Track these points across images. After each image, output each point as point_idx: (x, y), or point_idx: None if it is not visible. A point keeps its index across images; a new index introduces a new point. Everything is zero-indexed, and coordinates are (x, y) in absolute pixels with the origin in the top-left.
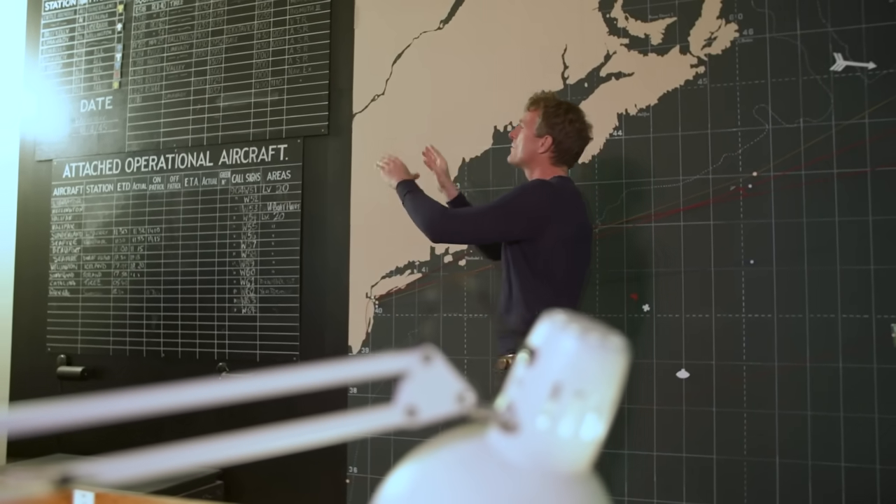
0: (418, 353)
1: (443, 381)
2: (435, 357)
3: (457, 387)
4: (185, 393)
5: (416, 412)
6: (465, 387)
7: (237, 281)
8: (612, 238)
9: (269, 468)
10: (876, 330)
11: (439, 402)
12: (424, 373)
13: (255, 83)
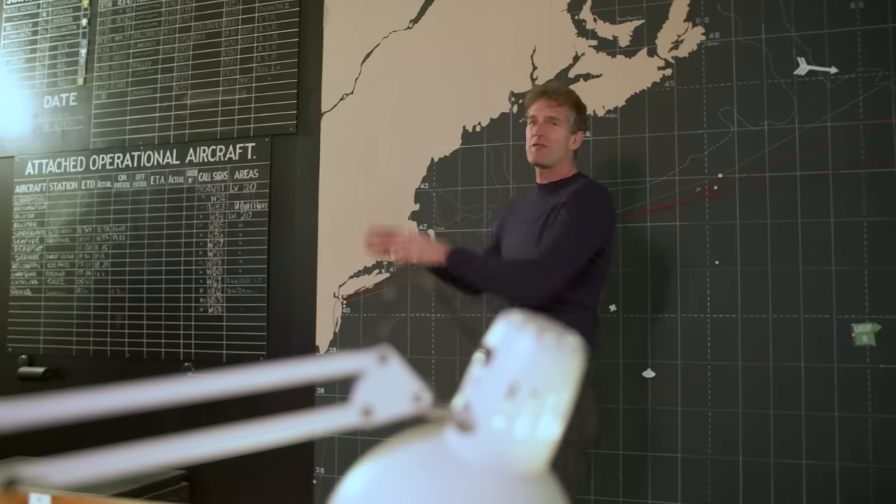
0: (374, 354)
1: (399, 380)
2: (391, 357)
3: (413, 387)
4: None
5: (371, 412)
6: (422, 387)
7: (203, 280)
8: None
9: (235, 469)
10: (836, 330)
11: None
12: (380, 373)
13: (223, 81)
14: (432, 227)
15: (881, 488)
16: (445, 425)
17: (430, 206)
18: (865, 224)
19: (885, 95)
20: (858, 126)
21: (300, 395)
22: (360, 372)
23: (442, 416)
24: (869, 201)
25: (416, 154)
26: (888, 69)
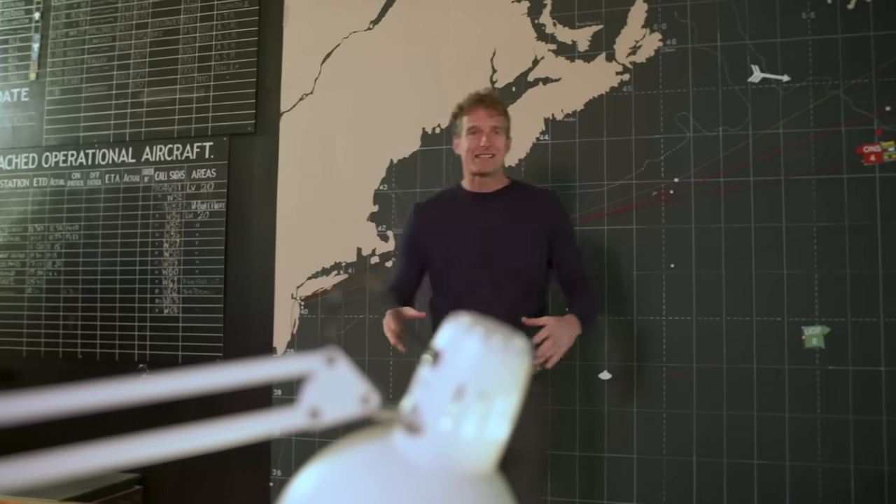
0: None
1: (347, 382)
2: (339, 359)
3: (361, 388)
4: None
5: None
6: (370, 388)
7: (159, 280)
8: None
9: (190, 472)
10: (787, 332)
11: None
12: (328, 374)
13: (181, 79)
14: (391, 229)
15: (829, 487)
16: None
17: (388, 208)
18: (815, 229)
19: (834, 104)
20: (809, 133)
21: (257, 397)
22: (308, 374)
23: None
24: (818, 207)
25: (376, 155)
26: (837, 78)
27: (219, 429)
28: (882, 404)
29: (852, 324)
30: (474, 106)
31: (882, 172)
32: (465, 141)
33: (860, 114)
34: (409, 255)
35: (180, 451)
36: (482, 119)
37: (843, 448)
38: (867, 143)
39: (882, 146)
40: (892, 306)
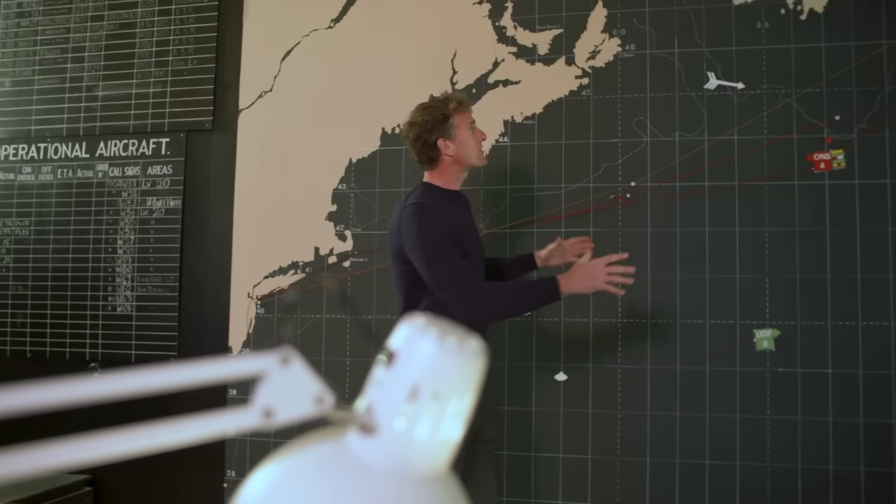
0: (276, 355)
1: (301, 382)
2: (293, 359)
3: (315, 389)
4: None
5: (272, 413)
6: (324, 388)
7: (112, 278)
8: (495, 242)
9: (143, 473)
10: (739, 335)
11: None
12: (282, 374)
13: (137, 73)
14: (349, 228)
15: (777, 486)
16: (348, 427)
17: (347, 207)
18: (767, 234)
19: (786, 112)
20: (762, 140)
21: (212, 397)
22: (262, 374)
23: (344, 418)
24: (770, 212)
25: (335, 154)
26: (790, 87)
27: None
28: (829, 406)
29: (801, 327)
30: (463, 106)
31: (831, 180)
32: (470, 137)
33: (811, 122)
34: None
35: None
36: (471, 116)
37: (791, 448)
38: (817, 151)
39: (831, 154)
40: (840, 310)
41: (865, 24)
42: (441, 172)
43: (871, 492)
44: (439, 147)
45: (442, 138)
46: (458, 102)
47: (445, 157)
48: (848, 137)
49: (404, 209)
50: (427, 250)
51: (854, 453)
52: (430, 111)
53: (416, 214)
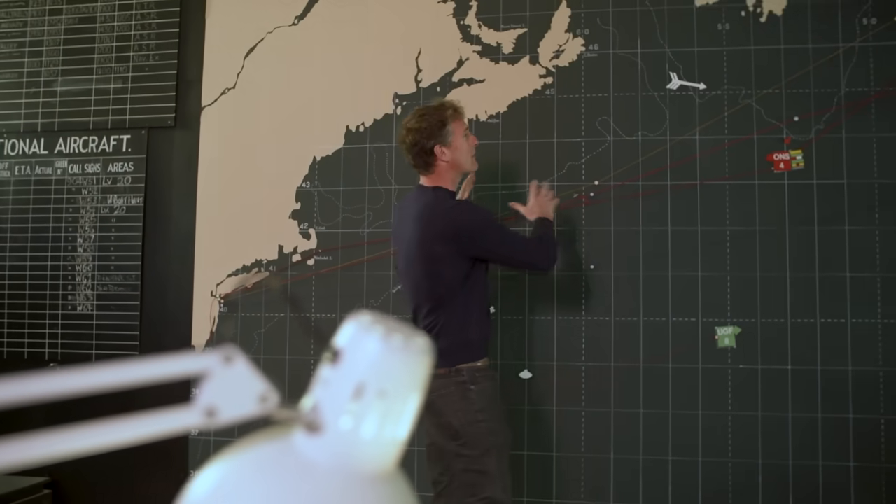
0: (218, 354)
1: (244, 381)
2: (236, 357)
3: (259, 387)
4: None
5: (215, 413)
6: (268, 387)
7: (73, 277)
8: None
9: (102, 475)
10: (701, 332)
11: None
12: (225, 373)
13: (97, 69)
14: (313, 227)
15: (738, 480)
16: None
17: (311, 205)
18: (728, 233)
19: (747, 112)
20: (724, 140)
21: (177, 396)
22: (205, 372)
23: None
24: (732, 211)
25: (298, 152)
26: (750, 88)
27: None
28: (788, 401)
29: (762, 324)
30: (458, 113)
31: (790, 180)
32: (464, 143)
33: (771, 123)
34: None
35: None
36: (465, 123)
37: (751, 443)
38: (777, 151)
39: (791, 154)
40: (799, 308)
41: (823, 27)
42: (438, 176)
43: (828, 485)
44: (436, 153)
45: (439, 145)
46: (454, 109)
47: (441, 162)
48: (806, 138)
49: (447, 212)
50: (496, 231)
51: (813, 448)
52: (428, 118)
53: (466, 210)
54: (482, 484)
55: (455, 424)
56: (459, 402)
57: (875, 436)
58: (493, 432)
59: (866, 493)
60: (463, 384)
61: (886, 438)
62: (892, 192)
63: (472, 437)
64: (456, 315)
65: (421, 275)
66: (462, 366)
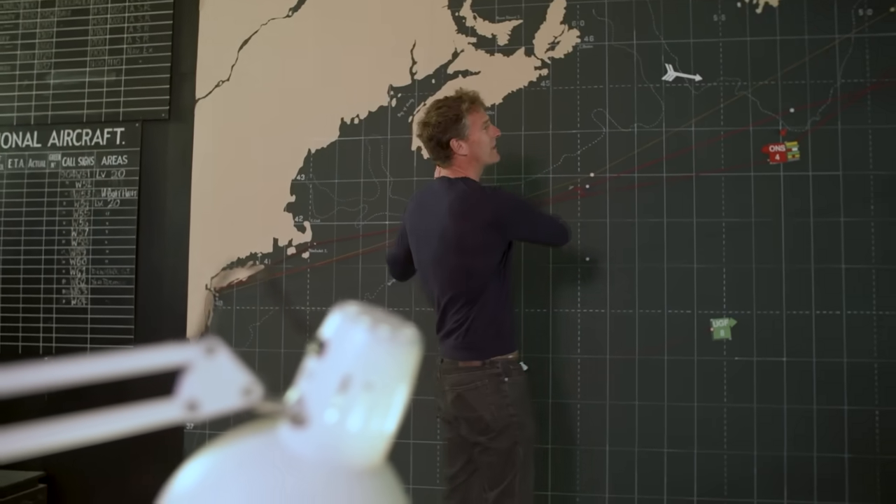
0: (201, 345)
1: (227, 374)
2: (219, 349)
3: (243, 380)
4: None
5: (197, 406)
6: (252, 380)
7: (67, 270)
8: None
9: (98, 468)
10: (697, 324)
11: (223, 396)
12: (207, 365)
13: (91, 61)
14: (308, 220)
15: (733, 472)
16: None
17: (306, 198)
18: (724, 224)
19: (743, 104)
20: (719, 132)
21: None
22: (186, 364)
23: (274, 410)
24: (727, 203)
25: (293, 144)
26: (746, 79)
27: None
28: (783, 393)
29: (757, 316)
30: (477, 103)
31: (786, 171)
32: (485, 135)
33: (766, 114)
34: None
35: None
36: (485, 114)
37: (747, 435)
38: (773, 143)
39: (786, 146)
40: (794, 300)
41: (818, 18)
42: (459, 169)
43: (823, 477)
44: (452, 147)
45: (455, 138)
46: (470, 102)
47: (459, 156)
48: (802, 130)
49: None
50: (531, 212)
51: (808, 439)
52: (443, 111)
53: (504, 196)
54: (507, 478)
55: (487, 418)
56: (493, 395)
57: (870, 427)
58: (522, 426)
59: (861, 483)
60: (497, 376)
61: (881, 429)
62: (887, 184)
63: (503, 431)
64: (488, 307)
65: (455, 267)
66: (496, 358)
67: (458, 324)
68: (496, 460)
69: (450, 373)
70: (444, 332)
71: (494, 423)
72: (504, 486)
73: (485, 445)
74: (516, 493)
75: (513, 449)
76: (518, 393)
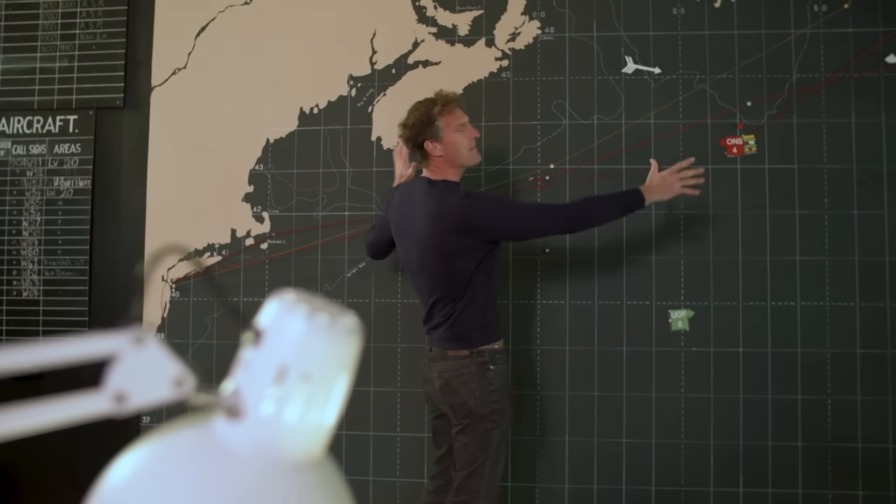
0: (129, 335)
1: (157, 364)
2: (148, 339)
3: (174, 371)
4: None
5: (125, 398)
6: (184, 371)
7: (18, 261)
8: None
9: (51, 463)
10: (655, 316)
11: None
12: (136, 356)
13: (42, 46)
14: (266, 210)
15: (690, 461)
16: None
17: (264, 188)
18: (682, 217)
19: (701, 97)
20: (678, 124)
21: None
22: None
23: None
24: (685, 195)
25: (251, 134)
26: (704, 73)
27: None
28: (739, 383)
29: (714, 307)
30: (451, 105)
31: (743, 164)
32: (461, 136)
33: (724, 107)
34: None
35: None
36: (462, 116)
37: (704, 425)
38: (730, 136)
39: (743, 139)
40: (750, 291)
41: (775, 13)
42: (438, 169)
43: (777, 465)
44: (427, 148)
45: (429, 140)
46: (443, 104)
47: (434, 157)
48: (759, 123)
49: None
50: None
51: (762, 429)
52: (417, 114)
53: (477, 201)
54: (478, 460)
55: (471, 404)
56: (478, 381)
57: (822, 416)
58: (502, 413)
59: (813, 471)
60: (483, 364)
61: (833, 418)
62: (840, 177)
63: (485, 416)
64: (475, 301)
65: (437, 270)
66: (483, 347)
67: (445, 317)
68: (472, 442)
69: (437, 361)
70: (431, 325)
71: (478, 409)
72: (475, 467)
73: (464, 428)
74: (485, 476)
75: (489, 433)
76: (502, 381)
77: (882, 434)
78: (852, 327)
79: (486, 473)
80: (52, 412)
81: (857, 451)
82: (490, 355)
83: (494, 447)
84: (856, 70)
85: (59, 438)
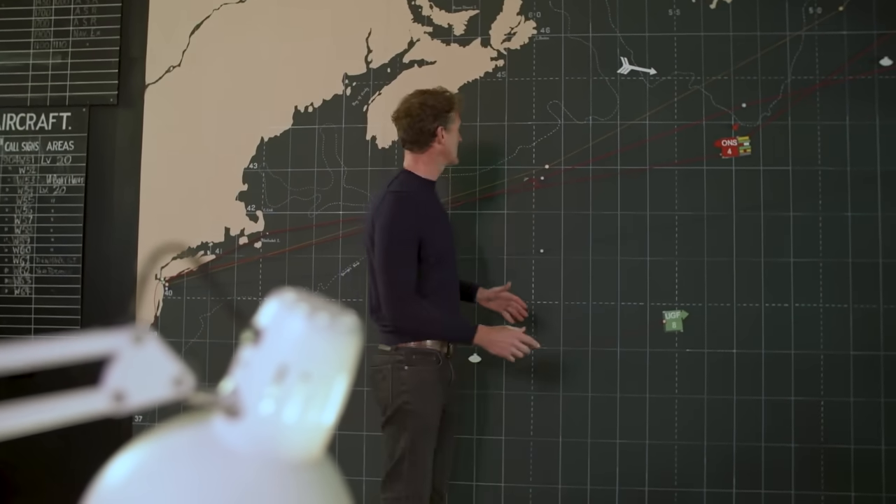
0: (128, 333)
1: (157, 363)
2: (147, 338)
3: (173, 369)
4: None
5: (124, 397)
6: (183, 370)
7: (10, 259)
8: None
9: (44, 463)
10: (650, 317)
11: (152, 387)
12: (135, 355)
13: (35, 43)
14: (261, 209)
15: (684, 462)
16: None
17: (258, 187)
18: (677, 217)
19: (696, 98)
20: (673, 125)
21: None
22: (113, 353)
23: (207, 401)
24: (680, 196)
25: (245, 132)
26: (699, 74)
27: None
28: (733, 384)
29: (708, 309)
30: (460, 106)
31: (738, 166)
32: (456, 136)
33: (719, 109)
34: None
35: None
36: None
37: (697, 426)
38: (725, 137)
39: (738, 140)
40: (744, 292)
41: (770, 15)
42: (428, 159)
43: (770, 466)
44: (437, 134)
45: (441, 126)
46: (458, 102)
47: (436, 144)
48: (754, 125)
49: (385, 196)
50: (391, 240)
51: (756, 430)
52: (437, 98)
53: (395, 203)
54: (393, 461)
55: (383, 402)
56: (391, 380)
57: (815, 417)
58: (415, 415)
59: (806, 472)
60: (398, 363)
61: (826, 419)
62: (835, 180)
63: (393, 416)
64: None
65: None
66: (401, 345)
67: (374, 310)
68: (386, 440)
69: (373, 354)
70: (376, 316)
71: (388, 407)
72: (391, 466)
73: (382, 425)
74: (403, 478)
75: (399, 434)
76: (418, 381)
77: (875, 436)
78: (846, 329)
79: (405, 477)
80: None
81: (849, 452)
82: (407, 354)
83: (409, 449)
84: (850, 72)
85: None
